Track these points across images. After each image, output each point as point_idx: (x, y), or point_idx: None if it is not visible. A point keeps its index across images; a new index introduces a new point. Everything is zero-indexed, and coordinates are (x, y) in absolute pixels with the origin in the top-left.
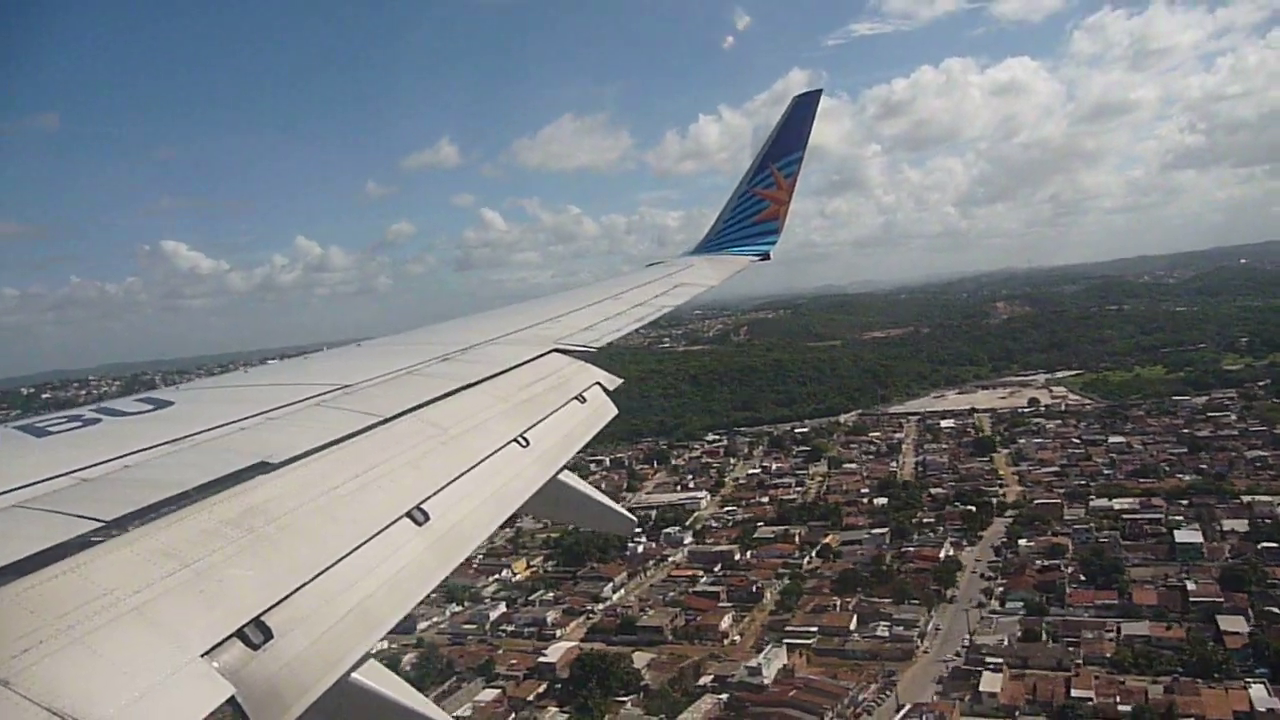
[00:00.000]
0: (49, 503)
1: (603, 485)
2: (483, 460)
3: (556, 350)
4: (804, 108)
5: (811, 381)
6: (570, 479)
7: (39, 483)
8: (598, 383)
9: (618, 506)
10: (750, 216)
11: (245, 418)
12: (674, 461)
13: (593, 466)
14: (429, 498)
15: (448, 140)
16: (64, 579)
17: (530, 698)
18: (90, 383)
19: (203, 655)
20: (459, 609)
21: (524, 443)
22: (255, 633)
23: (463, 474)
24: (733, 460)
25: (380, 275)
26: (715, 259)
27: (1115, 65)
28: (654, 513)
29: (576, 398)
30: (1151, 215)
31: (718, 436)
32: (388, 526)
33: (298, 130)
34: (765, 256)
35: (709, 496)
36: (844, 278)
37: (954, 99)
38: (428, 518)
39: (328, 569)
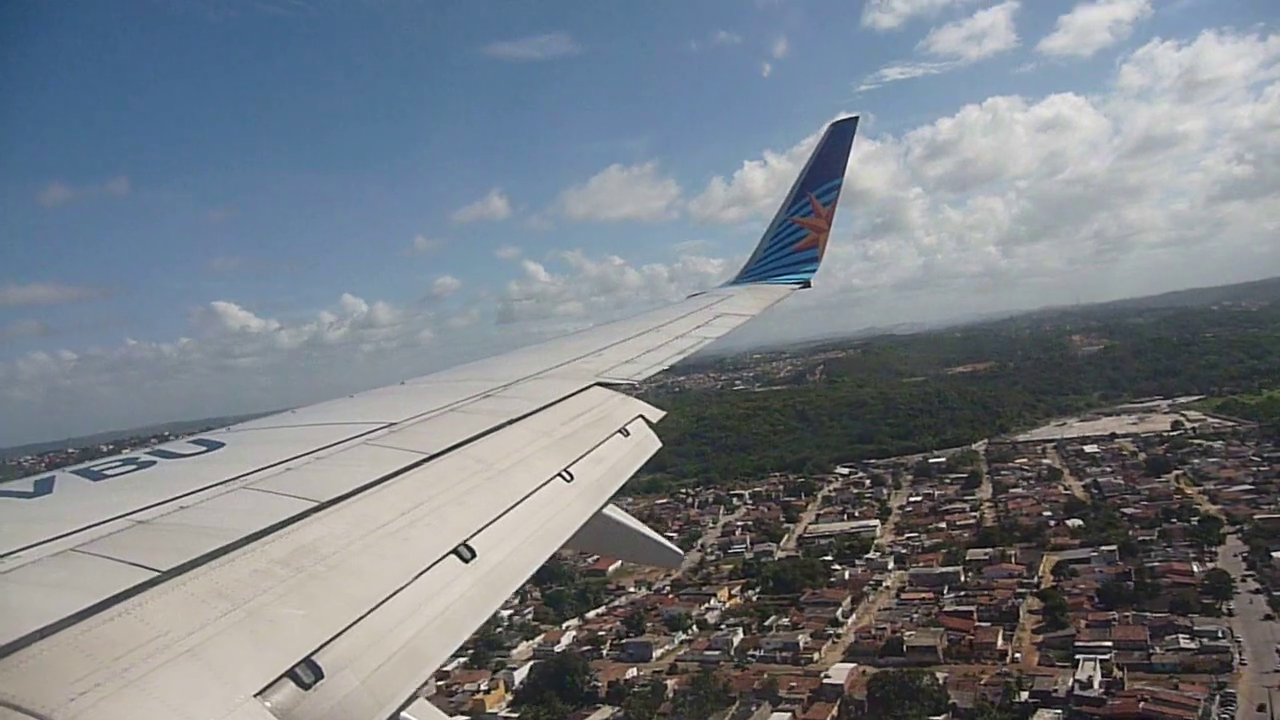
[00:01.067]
0: (105, 547)
1: (753, 518)
2: (527, 496)
3: (599, 384)
4: (841, 135)
5: (921, 414)
6: (616, 513)
7: (95, 525)
8: (641, 416)
9: (664, 540)
10: (789, 245)
11: (294, 457)
12: (820, 494)
13: (734, 500)
14: (475, 534)
15: (497, 193)
16: (119, 621)
17: None
18: (149, 443)
19: (255, 695)
20: (686, 636)
21: (568, 477)
22: (306, 672)
23: (508, 510)
24: (884, 490)
25: (424, 330)
26: (755, 288)
27: (1164, 97)
28: (830, 541)
29: (620, 431)
30: (1196, 249)
31: (849, 469)
32: (435, 563)
33: (349, 187)
34: (806, 285)
35: (880, 524)
36: (885, 320)
37: (999, 138)
38: (474, 554)
39: (376, 607)
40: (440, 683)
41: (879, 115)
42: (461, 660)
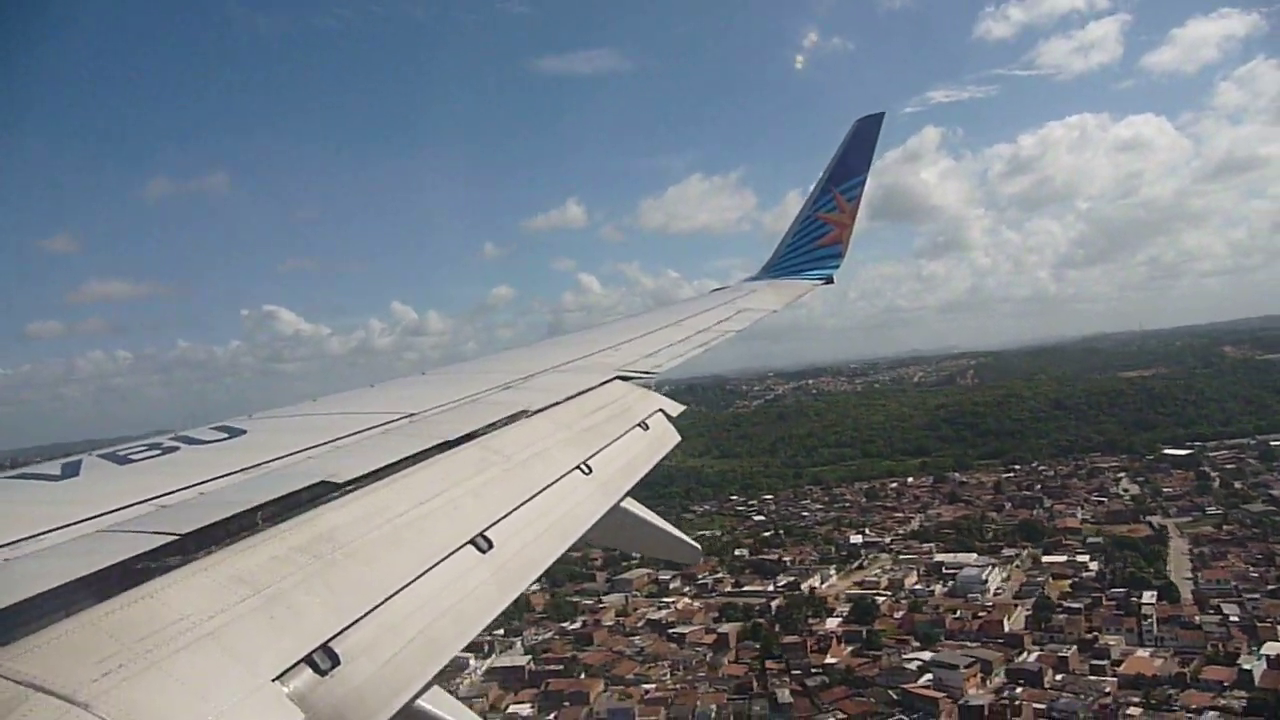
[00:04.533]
0: (130, 528)
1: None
2: (546, 488)
3: (619, 378)
4: (867, 130)
5: (1147, 410)
6: (634, 506)
7: (121, 509)
8: (661, 410)
9: (682, 534)
10: (813, 241)
11: (314, 445)
12: (1112, 489)
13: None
14: (492, 525)
15: (575, 200)
16: (143, 604)
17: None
18: None
19: (273, 680)
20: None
21: (587, 470)
22: (323, 658)
23: (525, 502)
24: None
25: (470, 341)
26: (778, 284)
27: (1257, 118)
28: None
29: (639, 424)
30: (1246, 279)
31: (1120, 461)
32: (452, 554)
33: (426, 193)
34: (829, 280)
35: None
36: (928, 343)
37: (1081, 156)
38: (491, 545)
39: (393, 596)
40: None
41: (966, 130)
42: None
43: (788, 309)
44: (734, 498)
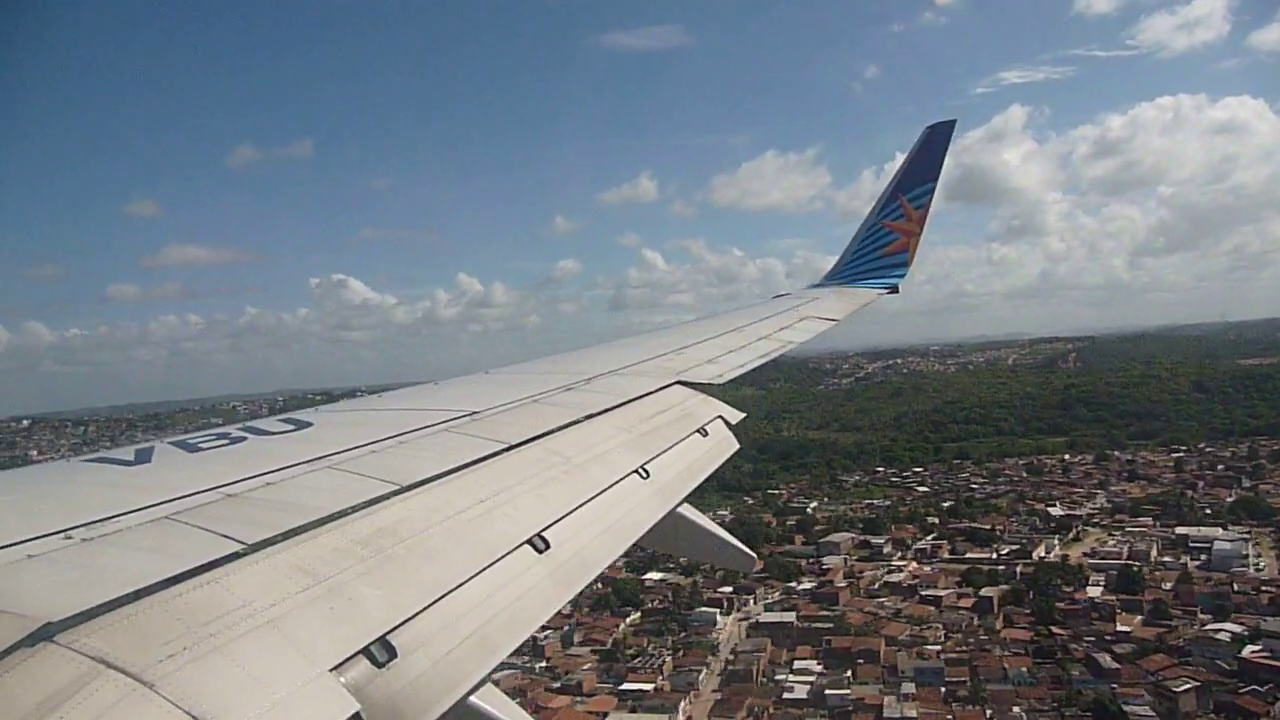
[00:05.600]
0: (198, 518)
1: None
2: (603, 490)
3: (679, 383)
4: (938, 138)
5: None
6: (690, 512)
7: (189, 495)
8: (720, 416)
9: (737, 542)
10: (879, 249)
11: (377, 440)
12: None
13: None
14: (550, 526)
15: (648, 175)
16: (207, 589)
17: None
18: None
19: (331, 670)
20: None
21: (645, 474)
22: (380, 651)
23: (583, 503)
24: None
25: (532, 314)
26: (842, 291)
27: None
28: None
29: (698, 431)
30: None
31: None
32: (510, 553)
33: (500, 166)
34: (894, 290)
35: None
36: (994, 329)
37: (1174, 139)
38: (548, 545)
39: (451, 592)
40: None
41: (1054, 109)
42: None
43: (849, 318)
44: (879, 469)
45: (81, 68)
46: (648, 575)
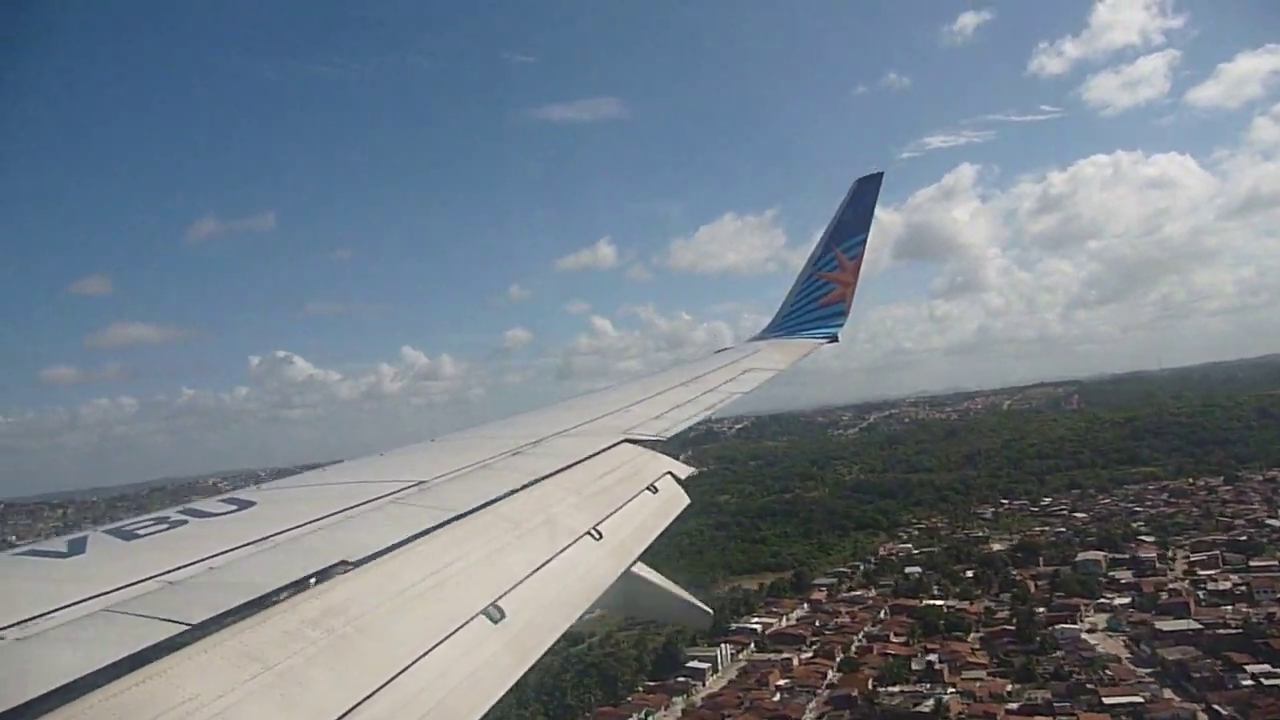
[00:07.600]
0: (136, 608)
1: None
2: (557, 555)
3: (627, 440)
4: (867, 190)
5: None
6: (644, 571)
7: (127, 586)
8: (669, 472)
9: (693, 598)
10: (816, 300)
11: (324, 516)
12: None
13: None
14: (504, 594)
15: (606, 241)
16: (150, 684)
17: None
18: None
19: None
20: None
21: (597, 535)
22: None
23: (537, 569)
24: None
25: (477, 387)
26: (782, 343)
27: None
28: None
29: (648, 488)
30: (1250, 318)
31: None
32: (464, 625)
33: (449, 238)
34: (833, 339)
35: None
36: (933, 384)
37: (1111, 193)
38: (503, 615)
39: (407, 669)
40: None
41: (1003, 167)
42: None
43: (791, 367)
44: (1004, 502)
45: (41, 149)
46: None
